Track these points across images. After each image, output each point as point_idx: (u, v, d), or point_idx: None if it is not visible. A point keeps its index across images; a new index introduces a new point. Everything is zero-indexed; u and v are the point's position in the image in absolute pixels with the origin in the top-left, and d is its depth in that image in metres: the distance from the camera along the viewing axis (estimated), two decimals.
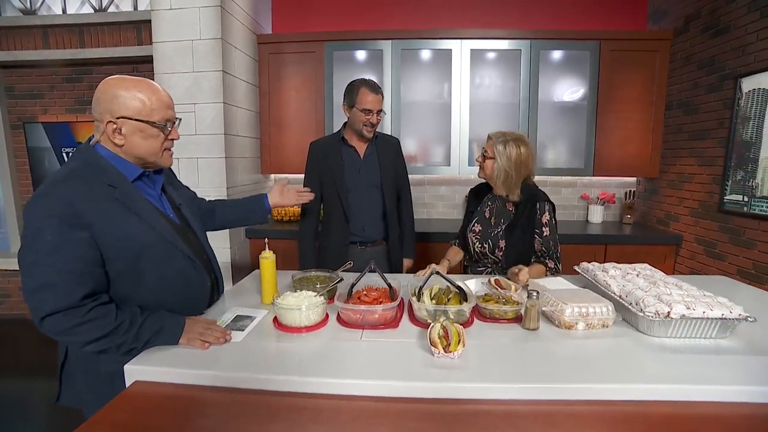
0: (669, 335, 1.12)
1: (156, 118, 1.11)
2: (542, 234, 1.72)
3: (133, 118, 1.09)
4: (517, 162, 1.70)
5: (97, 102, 1.08)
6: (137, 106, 1.08)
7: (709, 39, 2.55)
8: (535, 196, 1.74)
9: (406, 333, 1.18)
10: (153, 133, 1.13)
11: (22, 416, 2.37)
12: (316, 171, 2.06)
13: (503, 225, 1.78)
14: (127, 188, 1.11)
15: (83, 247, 1.01)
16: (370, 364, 1.01)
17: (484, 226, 1.85)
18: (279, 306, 1.17)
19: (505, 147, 1.70)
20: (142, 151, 1.13)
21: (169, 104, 1.16)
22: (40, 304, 0.97)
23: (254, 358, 1.04)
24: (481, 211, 1.90)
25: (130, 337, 1.04)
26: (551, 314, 1.23)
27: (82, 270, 1.00)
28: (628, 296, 1.21)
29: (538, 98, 2.97)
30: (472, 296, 1.24)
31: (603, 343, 1.12)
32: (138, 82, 1.11)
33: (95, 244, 1.03)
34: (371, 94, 1.93)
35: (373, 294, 1.29)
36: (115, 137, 1.09)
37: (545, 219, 1.72)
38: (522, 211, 1.73)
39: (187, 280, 1.22)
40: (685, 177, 2.79)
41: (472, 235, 1.88)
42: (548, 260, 1.73)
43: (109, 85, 1.09)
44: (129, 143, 1.11)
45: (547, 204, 1.74)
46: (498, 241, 1.76)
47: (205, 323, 1.14)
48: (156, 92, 1.12)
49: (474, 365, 1.00)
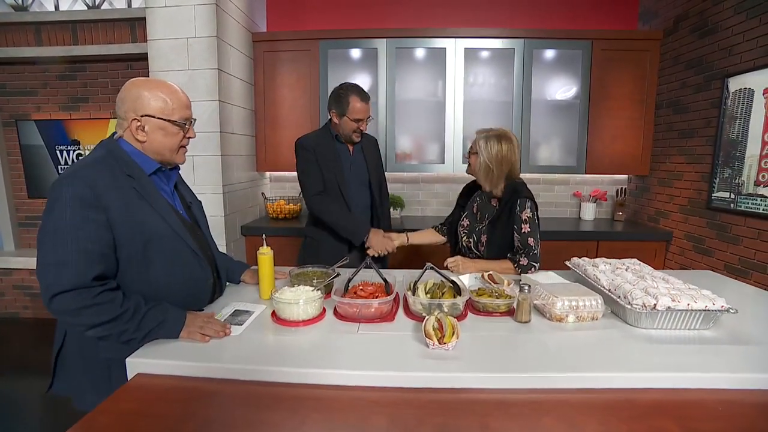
0: (655, 327, 1.16)
1: (176, 117, 1.19)
2: (521, 230, 1.72)
3: (156, 116, 1.16)
4: (497, 157, 1.72)
5: (122, 101, 1.16)
6: (160, 105, 1.16)
7: (697, 39, 2.60)
8: (516, 192, 1.74)
9: (402, 326, 1.21)
10: (173, 131, 1.20)
11: (13, 415, 2.36)
12: (317, 164, 2.04)
13: (487, 220, 1.82)
14: (144, 180, 1.18)
15: (100, 228, 1.06)
16: (366, 355, 1.04)
17: (471, 221, 1.90)
18: (277, 300, 1.20)
19: (487, 142, 1.73)
20: (162, 147, 1.20)
21: (187, 104, 1.24)
22: (54, 279, 1.01)
23: (254, 350, 1.06)
24: (470, 207, 1.94)
25: (132, 326, 1.06)
26: (542, 307, 1.27)
27: (96, 250, 1.05)
28: (616, 290, 1.25)
29: (531, 97, 3.00)
30: (466, 290, 1.28)
31: (592, 334, 1.16)
32: (160, 83, 1.19)
33: (110, 227, 1.08)
34: (361, 102, 1.96)
35: (369, 288, 1.32)
36: (138, 134, 1.17)
37: (525, 216, 1.72)
38: (504, 207, 1.76)
39: (191, 274, 1.25)
40: (674, 175, 2.85)
41: (461, 229, 1.92)
42: (522, 257, 1.72)
43: (135, 85, 1.17)
44: (151, 140, 1.18)
45: (529, 201, 1.74)
46: (481, 235, 1.80)
47: (205, 317, 1.17)
48: (176, 93, 1.20)
49: (468, 356, 1.03)
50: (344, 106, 1.97)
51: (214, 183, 2.68)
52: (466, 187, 2.06)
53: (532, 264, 1.71)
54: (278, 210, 3.22)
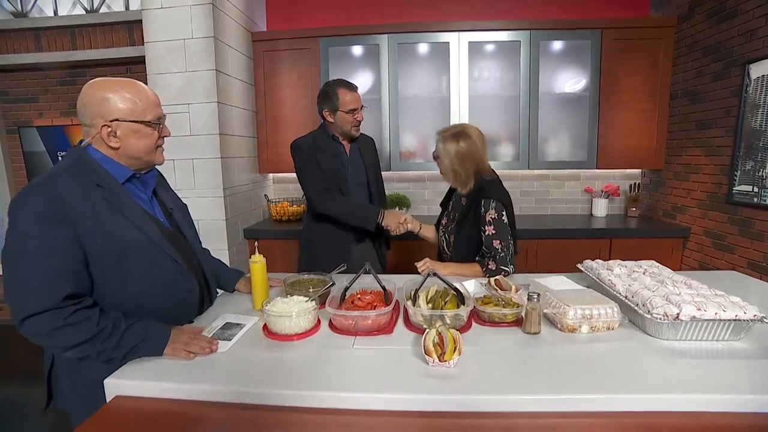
0: (678, 338, 1.06)
1: (149, 117, 1.11)
2: (485, 232, 1.63)
3: (127, 119, 1.08)
4: (459, 157, 1.64)
5: (85, 107, 1.07)
6: (129, 107, 1.08)
7: (714, 25, 2.47)
8: (481, 191, 1.64)
9: (401, 339, 1.13)
10: (147, 132, 1.12)
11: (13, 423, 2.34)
12: (318, 165, 1.97)
13: (456, 219, 1.76)
14: (116, 189, 1.10)
15: (66, 244, 0.99)
16: (361, 374, 0.96)
17: (448, 221, 1.84)
18: (268, 313, 1.13)
19: (445, 144, 1.66)
20: (138, 150, 1.13)
21: (156, 102, 1.16)
22: (22, 303, 0.95)
23: (241, 369, 0.99)
24: (448, 206, 1.89)
25: (111, 345, 1.00)
26: (553, 317, 1.17)
27: (64, 268, 0.98)
28: (634, 297, 1.15)
29: (539, 90, 2.89)
30: (470, 299, 1.19)
31: (608, 347, 1.07)
32: (124, 83, 1.10)
33: (79, 241, 1.01)
34: (350, 92, 1.90)
35: (367, 298, 1.25)
36: (111, 140, 1.09)
37: (489, 217, 1.62)
38: (470, 207, 1.67)
39: (174, 286, 1.18)
40: (691, 168, 2.72)
41: (441, 228, 1.88)
42: (490, 261, 1.62)
43: (97, 88, 1.08)
44: (125, 145, 1.11)
45: (494, 202, 1.62)
46: (450, 234, 1.74)
47: (190, 333, 1.10)
48: (143, 92, 1.12)
49: (471, 374, 0.94)
50: (335, 101, 1.91)
51: (214, 186, 2.63)
52: (449, 190, 1.98)
53: (501, 268, 1.61)
54: (282, 212, 3.16)
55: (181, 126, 2.57)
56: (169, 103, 2.57)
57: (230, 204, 2.72)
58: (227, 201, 2.68)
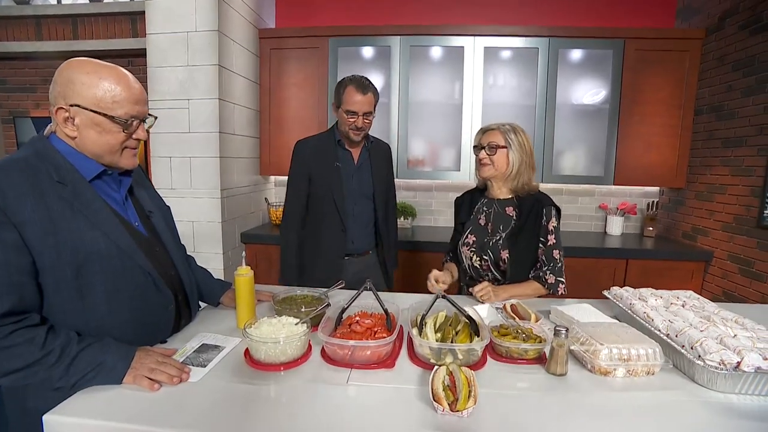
0: (737, 391, 0.89)
1: (118, 113, 0.95)
2: (547, 243, 1.51)
3: (89, 108, 0.92)
4: (529, 152, 1.53)
5: (54, 83, 0.93)
6: (96, 94, 0.92)
7: (748, 37, 2.32)
8: (540, 200, 1.54)
9: (404, 375, 0.96)
10: (111, 129, 0.96)
11: None
12: (305, 173, 1.87)
13: (503, 233, 1.56)
14: (80, 187, 0.94)
15: (9, 250, 0.84)
16: (356, 418, 0.80)
17: (479, 236, 1.62)
18: (251, 338, 0.96)
19: (517, 135, 1.52)
20: (96, 147, 0.97)
21: (138, 98, 0.99)
22: None
23: (212, 407, 0.83)
24: (475, 220, 1.67)
25: (59, 372, 0.85)
26: (582, 355, 1.01)
27: (4, 279, 0.83)
28: (678, 336, 0.98)
29: (556, 100, 2.75)
30: (485, 329, 1.03)
31: (649, 397, 0.90)
32: (105, 67, 0.95)
33: (26, 248, 0.86)
34: (358, 93, 1.72)
35: (367, 322, 1.08)
36: (67, 127, 0.93)
37: (551, 226, 1.51)
38: (527, 216, 1.52)
39: (144, 301, 1.03)
40: (716, 188, 2.55)
41: (465, 248, 1.64)
42: (548, 274, 1.50)
43: (70, 67, 0.93)
44: (82, 137, 0.95)
45: (554, 209, 1.54)
46: (499, 252, 1.53)
47: (158, 356, 0.94)
48: (123, 82, 0.96)
49: (489, 428, 0.78)
50: (340, 96, 1.77)
51: (211, 186, 2.50)
52: (461, 200, 1.81)
53: (559, 281, 1.50)
54: (281, 216, 3.01)
55: (179, 122, 2.45)
56: (168, 98, 2.45)
57: (227, 206, 2.58)
58: (224, 203, 2.54)
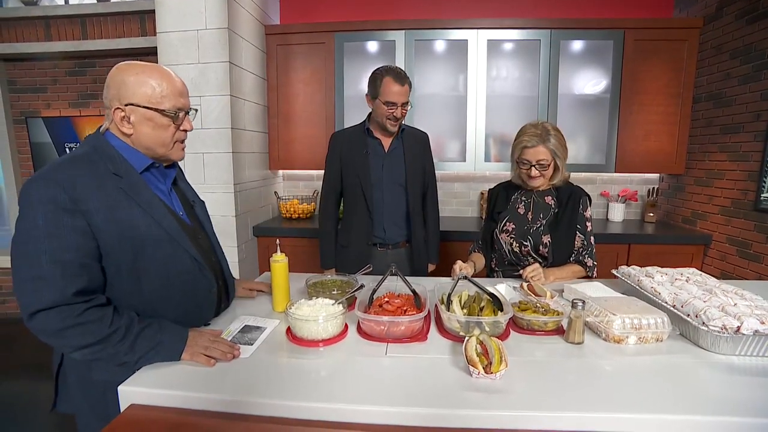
0: (738, 353, 0.98)
1: (166, 106, 1.04)
2: (585, 230, 1.65)
3: (141, 105, 1.02)
4: (566, 147, 1.64)
5: (107, 88, 1.02)
6: (146, 92, 1.02)
7: (745, 25, 2.39)
8: (575, 190, 1.69)
9: (437, 347, 1.05)
10: (163, 123, 1.05)
11: (20, 421, 2.27)
12: (338, 163, 1.96)
13: (543, 220, 1.68)
14: (134, 179, 1.03)
15: (79, 235, 0.92)
16: (399, 386, 0.88)
17: (518, 224, 1.72)
18: (293, 317, 1.05)
19: (557, 139, 1.61)
20: (151, 141, 1.06)
21: (181, 92, 1.08)
22: (30, 297, 0.88)
23: (265, 377, 0.92)
24: (513, 209, 1.76)
25: (124, 348, 0.93)
26: (597, 326, 1.10)
27: (76, 261, 0.91)
28: (684, 306, 1.07)
29: (558, 91, 2.82)
30: (508, 305, 1.11)
31: (659, 360, 0.99)
32: (149, 67, 1.04)
33: (92, 233, 0.94)
34: (396, 84, 1.77)
35: (397, 302, 1.17)
36: (124, 125, 1.03)
37: (588, 214, 1.68)
38: (565, 206, 1.65)
39: (192, 284, 1.11)
40: (714, 173, 2.64)
41: (505, 235, 1.74)
42: (587, 258, 1.65)
43: (120, 70, 1.02)
44: (138, 132, 1.04)
45: (588, 198, 1.70)
46: (540, 237, 1.65)
47: (210, 336, 1.03)
48: (167, 77, 1.05)
49: (519, 388, 0.87)
50: (377, 87, 1.81)
51: (224, 181, 2.56)
52: (497, 191, 1.87)
53: (594, 264, 1.66)
54: (291, 210, 3.09)
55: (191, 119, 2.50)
56: None
57: (240, 200, 2.65)
58: (237, 197, 2.61)
